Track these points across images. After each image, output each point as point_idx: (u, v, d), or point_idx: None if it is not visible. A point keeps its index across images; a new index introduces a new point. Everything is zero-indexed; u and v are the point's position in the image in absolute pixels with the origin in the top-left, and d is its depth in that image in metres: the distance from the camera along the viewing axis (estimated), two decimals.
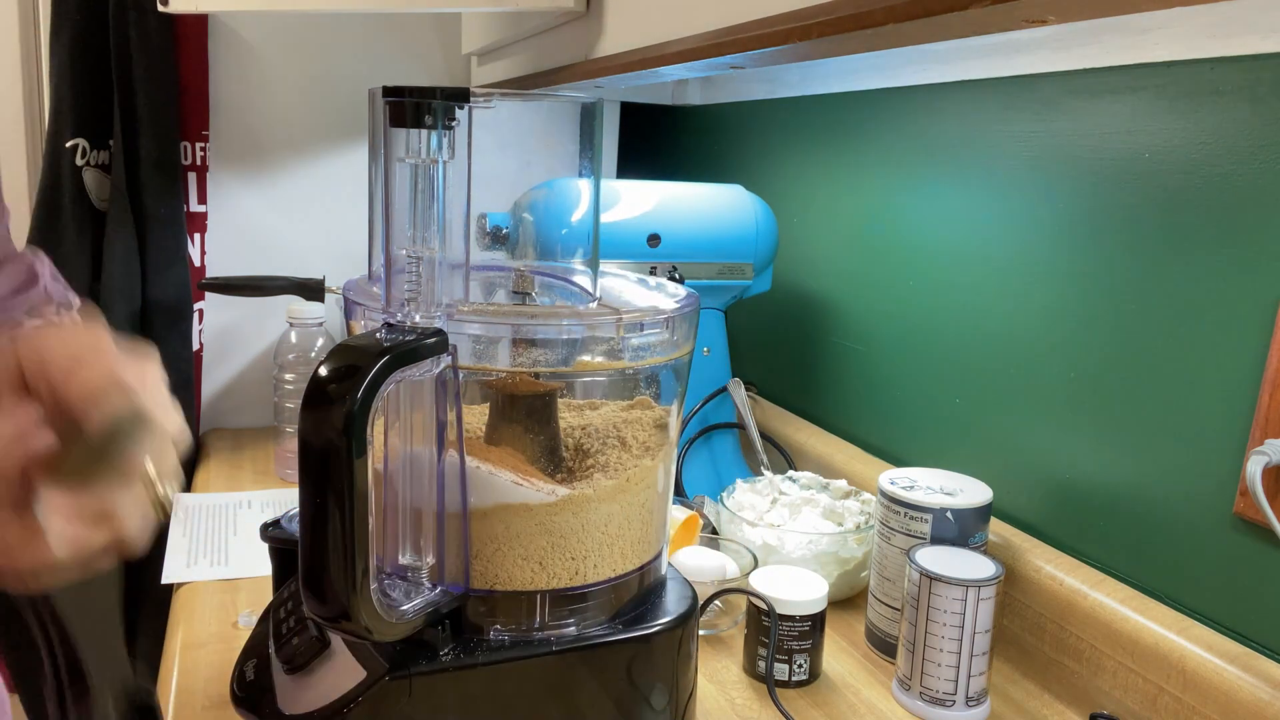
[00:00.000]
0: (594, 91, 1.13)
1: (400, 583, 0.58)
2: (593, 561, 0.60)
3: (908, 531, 0.83)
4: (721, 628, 0.88)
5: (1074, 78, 0.85)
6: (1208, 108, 0.74)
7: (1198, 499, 0.76)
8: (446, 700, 0.56)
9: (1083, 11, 0.51)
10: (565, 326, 0.57)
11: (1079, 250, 0.85)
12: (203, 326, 1.36)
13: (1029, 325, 0.91)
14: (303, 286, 1.27)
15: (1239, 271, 0.72)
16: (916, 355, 1.06)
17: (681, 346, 0.63)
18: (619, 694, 0.61)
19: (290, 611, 0.64)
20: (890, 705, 0.78)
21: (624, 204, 1.11)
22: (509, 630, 0.59)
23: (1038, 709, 0.79)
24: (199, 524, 1.06)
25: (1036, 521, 0.91)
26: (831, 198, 1.21)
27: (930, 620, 0.75)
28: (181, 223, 1.30)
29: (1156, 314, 0.79)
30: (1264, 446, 0.68)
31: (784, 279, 1.27)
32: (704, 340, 1.16)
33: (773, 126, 1.34)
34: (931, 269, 1.03)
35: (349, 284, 0.63)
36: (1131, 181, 0.80)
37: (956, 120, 0.99)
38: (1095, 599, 0.78)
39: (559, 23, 0.99)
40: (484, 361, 0.57)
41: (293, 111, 1.36)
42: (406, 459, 0.58)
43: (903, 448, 1.09)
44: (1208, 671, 0.69)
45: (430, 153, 0.54)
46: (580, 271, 0.64)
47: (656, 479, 0.64)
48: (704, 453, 1.17)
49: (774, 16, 0.60)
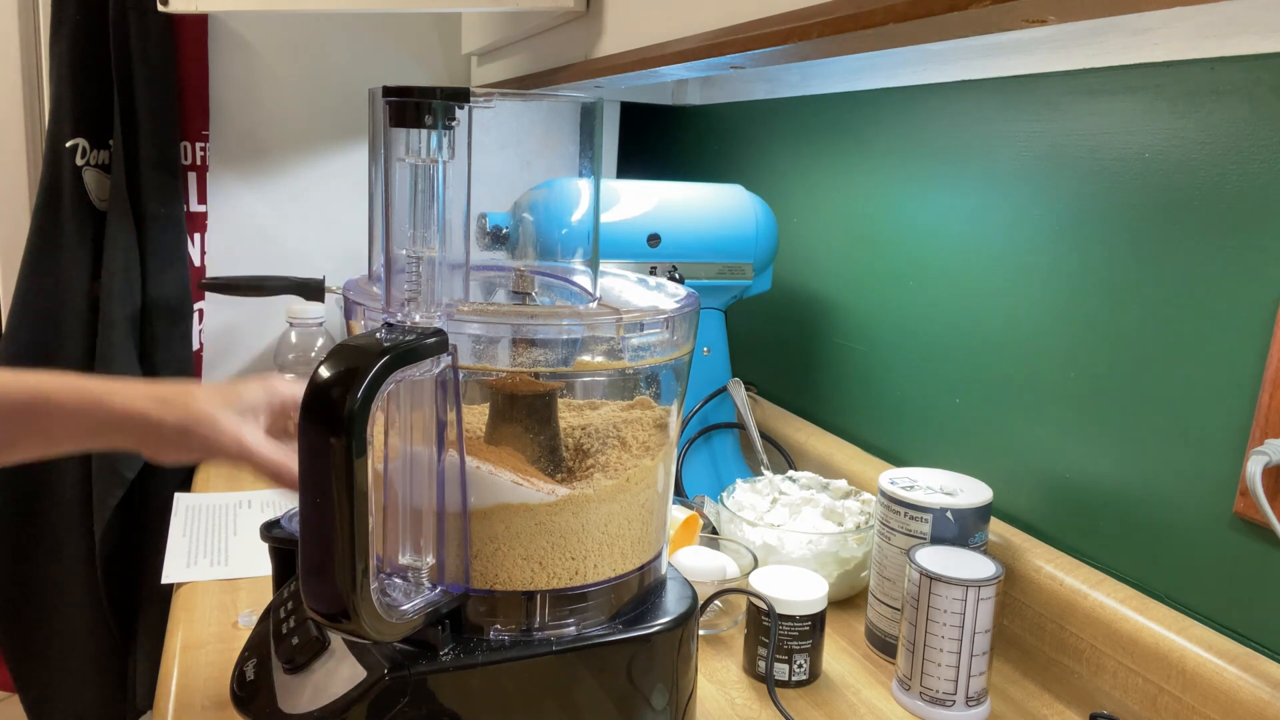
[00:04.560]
0: (594, 91, 1.13)
1: (400, 582, 0.58)
2: (593, 561, 0.60)
3: (908, 531, 0.83)
4: (721, 628, 0.88)
5: (1074, 78, 0.85)
6: (1208, 108, 0.74)
7: (1198, 499, 0.76)
8: (446, 700, 0.56)
9: (1083, 11, 0.51)
10: (565, 326, 0.57)
11: (1079, 250, 0.85)
12: (203, 326, 1.36)
13: (1029, 325, 0.91)
14: (303, 286, 1.27)
15: (1239, 271, 0.72)
16: (916, 355, 1.06)
17: (681, 346, 0.63)
18: (619, 694, 0.61)
19: (290, 611, 0.64)
20: (890, 705, 0.78)
21: (624, 204, 1.11)
22: (509, 630, 0.59)
23: (1038, 709, 0.79)
24: (199, 524, 1.06)
25: (1036, 521, 0.91)
26: (831, 198, 1.21)
27: (930, 620, 0.75)
28: (181, 223, 1.30)
29: (1156, 314, 0.79)
30: (1264, 446, 0.68)
31: (784, 279, 1.27)
32: (704, 340, 1.16)
33: (773, 126, 1.34)
34: (931, 269, 1.03)
35: (349, 284, 0.63)
36: (1131, 181, 0.80)
37: (956, 120, 0.99)
38: (1095, 599, 0.78)
39: (559, 23, 0.99)
40: (484, 361, 0.57)
41: (292, 111, 1.36)
42: (406, 459, 0.58)
43: (903, 448, 1.09)
44: (1208, 671, 0.69)
45: (430, 153, 0.54)
46: (580, 271, 0.64)
47: (656, 479, 0.64)
48: (704, 453, 1.17)
49: (774, 16, 0.60)
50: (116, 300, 1.24)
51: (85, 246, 1.26)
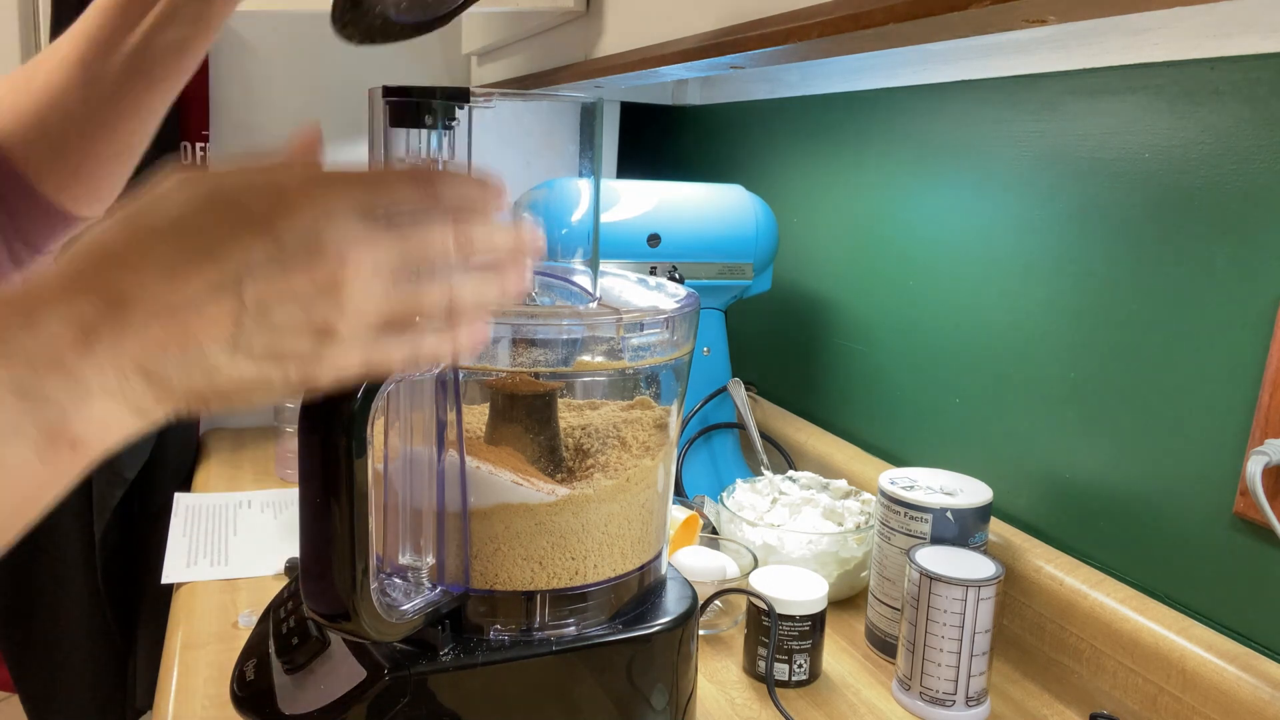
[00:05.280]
0: (594, 91, 1.13)
1: (400, 582, 0.58)
2: (593, 561, 0.60)
3: (908, 531, 0.83)
4: (721, 628, 0.88)
5: (1074, 78, 0.85)
6: (1207, 108, 0.74)
7: (1198, 499, 0.76)
8: (446, 700, 0.56)
9: (1083, 11, 0.51)
10: (565, 326, 0.57)
11: (1078, 250, 0.85)
12: None
13: (1029, 325, 0.91)
14: None
15: (1239, 271, 0.72)
16: (916, 355, 1.06)
17: (681, 346, 0.63)
18: (619, 694, 0.61)
19: (290, 611, 0.64)
20: (890, 705, 0.78)
21: (624, 204, 1.11)
22: (509, 630, 0.59)
23: (1038, 709, 0.79)
24: (199, 524, 1.06)
25: (1036, 521, 0.91)
26: (831, 198, 1.21)
27: (930, 620, 0.75)
28: None
29: (1156, 314, 0.79)
30: (1264, 446, 0.68)
31: (784, 279, 1.27)
32: (704, 340, 1.16)
33: (773, 126, 1.34)
34: (931, 269, 1.03)
35: None
36: (1131, 181, 0.80)
37: (956, 120, 0.99)
38: (1095, 599, 0.78)
39: (559, 23, 0.99)
40: (484, 361, 0.57)
41: (293, 112, 1.36)
42: (406, 459, 0.58)
43: (903, 448, 1.09)
44: (1208, 671, 0.69)
45: (430, 153, 0.54)
46: (580, 271, 0.64)
47: (656, 479, 0.64)
48: (704, 453, 1.17)
49: (774, 16, 0.60)
50: None
51: None
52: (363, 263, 0.38)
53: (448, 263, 0.40)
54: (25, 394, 0.35)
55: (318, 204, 0.38)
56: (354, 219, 0.38)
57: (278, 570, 0.94)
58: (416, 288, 0.40)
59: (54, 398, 0.35)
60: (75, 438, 0.36)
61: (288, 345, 0.38)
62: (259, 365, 0.38)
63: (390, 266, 0.39)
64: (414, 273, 0.40)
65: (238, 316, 0.36)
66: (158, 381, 0.36)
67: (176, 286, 0.36)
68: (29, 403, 0.35)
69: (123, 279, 0.36)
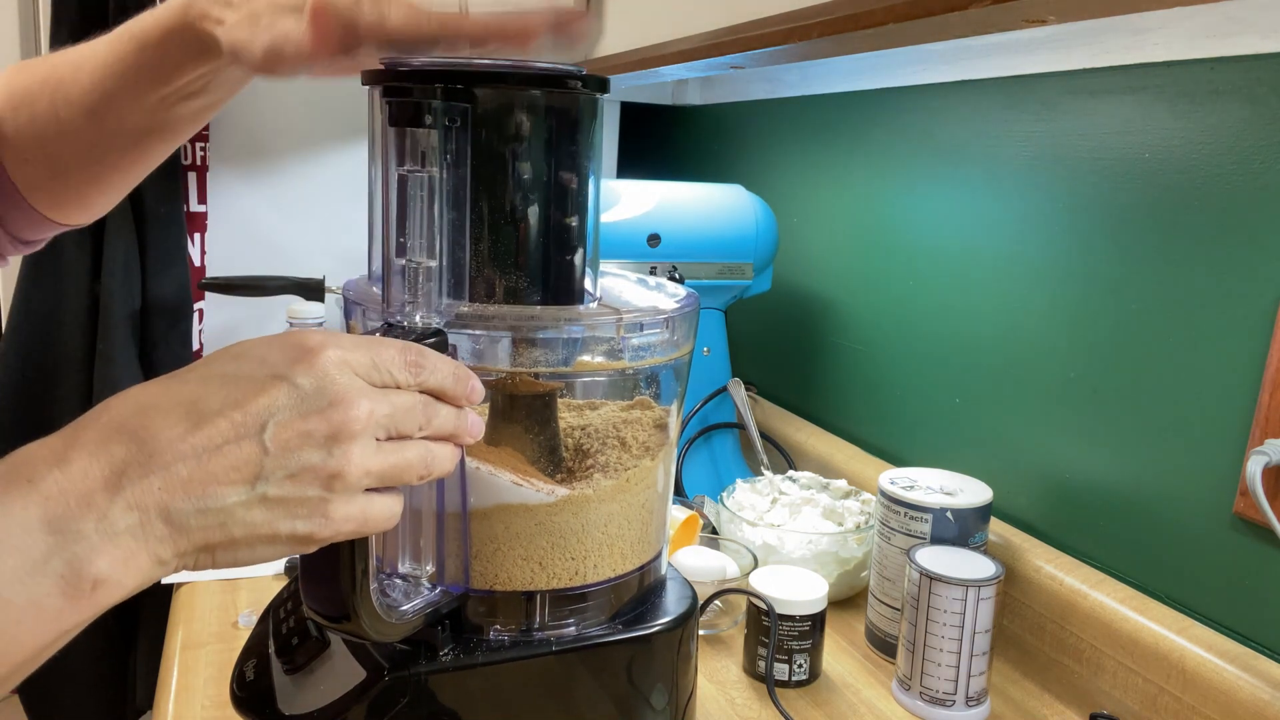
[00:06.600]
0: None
1: (400, 583, 0.58)
2: (593, 561, 0.60)
3: (908, 531, 0.83)
4: (721, 628, 0.88)
5: (1074, 78, 0.85)
6: (1207, 108, 0.74)
7: (1198, 499, 0.76)
8: (446, 700, 0.56)
9: (1083, 11, 0.51)
10: (565, 326, 0.57)
11: (1078, 250, 0.85)
12: (203, 326, 1.36)
13: (1029, 325, 0.91)
14: (303, 286, 1.27)
15: (1239, 271, 0.72)
16: (916, 355, 1.06)
17: (681, 346, 0.63)
18: (619, 694, 0.61)
19: (290, 611, 0.64)
20: (890, 705, 0.78)
21: (624, 204, 1.11)
22: (509, 630, 0.59)
23: (1038, 709, 0.79)
24: None
25: (1036, 521, 0.91)
26: (831, 198, 1.21)
27: (930, 620, 0.75)
28: (181, 222, 1.30)
29: (1156, 314, 0.79)
30: (1264, 446, 0.68)
31: (784, 279, 1.27)
32: (704, 340, 1.16)
33: (773, 126, 1.34)
34: (931, 269, 1.03)
35: (349, 284, 0.63)
36: (1131, 181, 0.80)
37: (956, 120, 0.99)
38: (1095, 599, 0.78)
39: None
40: (484, 362, 0.57)
41: (293, 111, 1.36)
42: None
43: (903, 448, 1.09)
44: (1208, 671, 0.69)
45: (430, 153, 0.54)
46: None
47: (656, 479, 0.64)
48: (704, 453, 1.17)
49: (774, 16, 0.60)
50: (116, 300, 1.24)
51: (85, 246, 1.26)
52: (373, 413, 0.43)
53: (418, 431, 0.46)
54: (56, 529, 0.37)
55: (332, 357, 0.42)
56: (360, 374, 0.43)
57: (278, 570, 0.94)
58: (401, 446, 0.45)
59: (84, 534, 0.37)
60: (98, 577, 0.38)
61: (300, 491, 0.41)
62: (271, 514, 0.41)
63: (384, 427, 0.44)
64: (396, 437, 0.45)
65: (259, 459, 0.40)
66: (177, 525, 0.39)
67: (204, 430, 0.40)
68: (58, 538, 0.37)
69: (153, 423, 0.39)
